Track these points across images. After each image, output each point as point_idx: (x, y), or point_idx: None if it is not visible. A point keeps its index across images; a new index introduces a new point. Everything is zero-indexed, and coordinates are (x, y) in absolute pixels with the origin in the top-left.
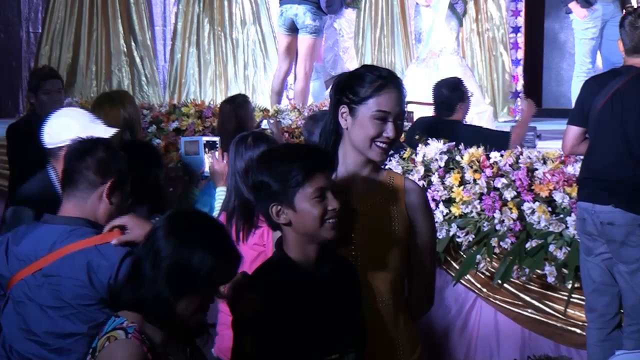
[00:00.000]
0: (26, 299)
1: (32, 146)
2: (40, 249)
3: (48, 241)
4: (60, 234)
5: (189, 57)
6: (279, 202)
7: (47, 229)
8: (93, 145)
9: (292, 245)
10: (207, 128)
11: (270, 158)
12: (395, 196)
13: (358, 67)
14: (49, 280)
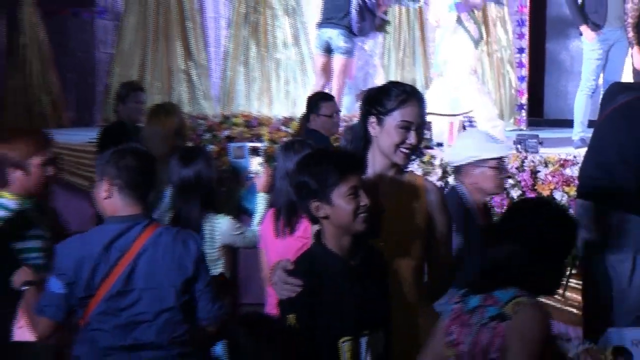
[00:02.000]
0: None
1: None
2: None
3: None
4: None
5: (238, 75)
6: (318, 199)
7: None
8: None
9: (329, 236)
10: (254, 136)
11: (310, 161)
12: (417, 195)
13: (385, 83)
14: None
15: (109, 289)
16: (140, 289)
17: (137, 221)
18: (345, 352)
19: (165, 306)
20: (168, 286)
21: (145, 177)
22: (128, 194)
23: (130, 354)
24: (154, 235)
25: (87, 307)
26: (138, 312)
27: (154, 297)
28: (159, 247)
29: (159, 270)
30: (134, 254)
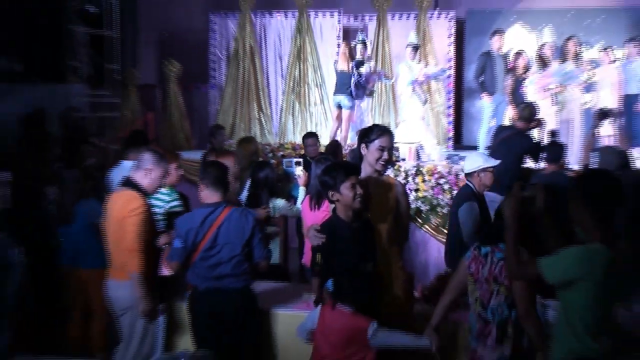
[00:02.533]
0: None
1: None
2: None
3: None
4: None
5: (288, 120)
6: (333, 190)
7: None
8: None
9: (340, 211)
10: (297, 154)
11: (328, 168)
12: (390, 188)
13: (370, 125)
14: None
15: (204, 245)
16: (221, 244)
17: (218, 206)
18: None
19: (235, 253)
20: (236, 242)
21: (221, 179)
22: (212, 189)
23: (216, 281)
24: (228, 213)
25: (193, 255)
26: (220, 257)
27: (228, 249)
28: (231, 220)
29: (231, 233)
30: (217, 224)
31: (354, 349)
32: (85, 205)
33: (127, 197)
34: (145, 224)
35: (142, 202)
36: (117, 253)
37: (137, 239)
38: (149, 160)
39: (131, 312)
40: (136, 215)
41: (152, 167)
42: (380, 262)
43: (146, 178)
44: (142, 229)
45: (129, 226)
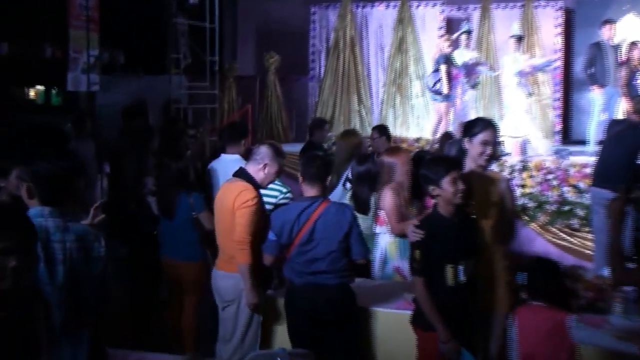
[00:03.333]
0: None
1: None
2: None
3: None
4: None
5: (389, 113)
6: (433, 184)
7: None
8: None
9: (441, 206)
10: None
11: (430, 163)
12: (494, 183)
13: (474, 118)
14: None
15: (300, 239)
16: (317, 239)
17: (315, 200)
18: (449, 273)
19: (332, 249)
20: (333, 237)
21: (318, 173)
22: (308, 183)
23: (312, 277)
24: (326, 208)
25: (289, 249)
26: (316, 253)
27: (325, 244)
28: (328, 215)
29: (328, 228)
30: (314, 219)
31: (556, 342)
32: (185, 198)
33: (240, 188)
34: (256, 217)
35: (254, 194)
36: (226, 244)
37: (247, 231)
38: (266, 155)
39: (236, 305)
40: (248, 207)
41: (269, 162)
42: (482, 259)
43: (261, 172)
44: (252, 221)
45: (240, 218)
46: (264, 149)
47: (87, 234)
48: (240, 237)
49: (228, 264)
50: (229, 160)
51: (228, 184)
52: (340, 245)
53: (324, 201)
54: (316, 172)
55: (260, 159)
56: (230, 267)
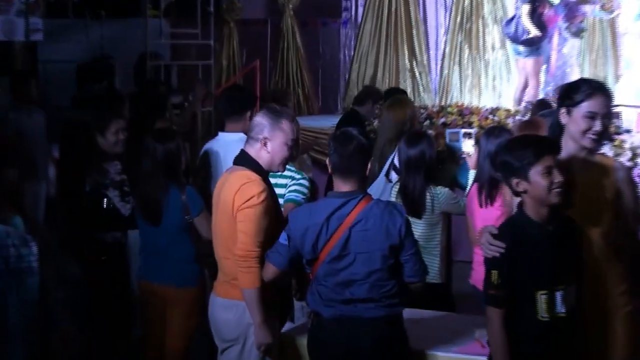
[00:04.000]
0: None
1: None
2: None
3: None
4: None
5: (453, 72)
6: (517, 176)
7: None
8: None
9: (529, 207)
10: (466, 122)
11: (512, 145)
12: (606, 173)
13: (576, 80)
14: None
15: (329, 253)
16: (354, 253)
17: (352, 196)
18: (542, 303)
19: (375, 267)
20: (377, 250)
21: (354, 161)
22: (340, 175)
23: (347, 306)
24: (366, 208)
25: (313, 267)
26: (352, 272)
27: (365, 260)
28: (370, 218)
29: (370, 238)
30: (349, 223)
31: None
32: (177, 195)
33: (241, 180)
34: (266, 219)
35: (261, 188)
36: (226, 260)
37: (253, 242)
38: (263, 126)
39: (240, 346)
40: (252, 206)
41: (269, 135)
42: (590, 284)
43: (263, 151)
44: (261, 227)
45: (243, 223)
46: (259, 118)
47: (7, 237)
48: (244, 250)
49: (229, 287)
50: (229, 141)
51: (226, 175)
52: (387, 262)
53: (363, 199)
54: (350, 159)
55: (256, 134)
56: (232, 292)
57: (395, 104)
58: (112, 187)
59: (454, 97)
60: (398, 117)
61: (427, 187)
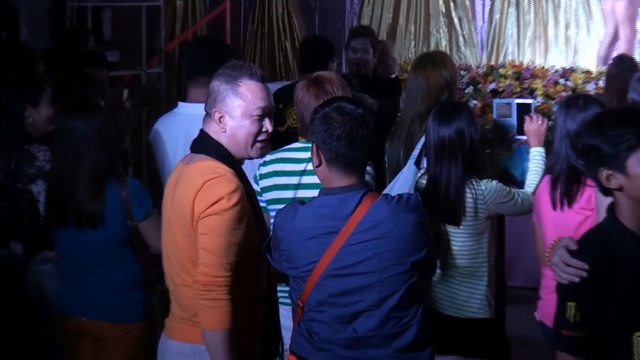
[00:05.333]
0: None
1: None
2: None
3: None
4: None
5: (508, 18)
6: (609, 166)
7: None
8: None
9: (625, 211)
10: (525, 90)
11: (602, 121)
12: None
13: None
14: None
15: (325, 271)
16: (359, 272)
17: (352, 193)
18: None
19: (390, 291)
20: (392, 267)
21: (358, 145)
22: (335, 164)
23: (349, 351)
24: (373, 208)
25: (303, 292)
26: (358, 299)
27: (376, 282)
28: (380, 222)
29: (382, 249)
30: (352, 229)
31: None
32: (116, 191)
33: (204, 174)
34: (239, 230)
35: (232, 186)
36: (184, 287)
37: (219, 263)
38: (214, 93)
39: None
40: (219, 214)
41: (223, 105)
42: None
43: (220, 130)
44: (232, 242)
45: (206, 236)
46: (218, 81)
47: None
48: (207, 275)
49: (188, 327)
50: (194, 115)
51: (181, 167)
52: (408, 282)
53: (367, 196)
54: (353, 143)
55: (208, 106)
56: (191, 333)
57: (425, 63)
58: (42, 179)
59: (508, 54)
60: (431, 83)
61: (468, 181)
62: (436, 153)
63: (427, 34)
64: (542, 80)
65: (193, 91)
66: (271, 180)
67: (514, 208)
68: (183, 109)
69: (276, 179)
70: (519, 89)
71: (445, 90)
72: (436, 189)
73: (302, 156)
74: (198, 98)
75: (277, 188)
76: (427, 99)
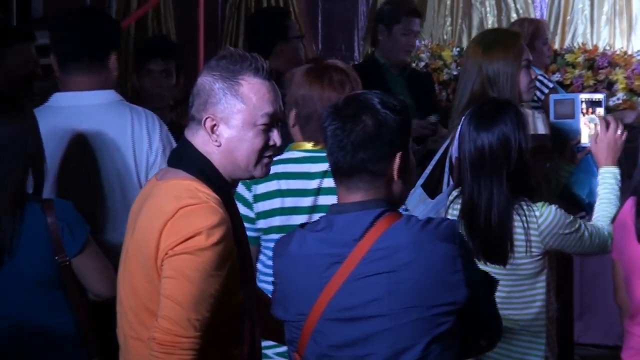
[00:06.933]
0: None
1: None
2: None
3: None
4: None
5: None
6: None
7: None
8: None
9: None
10: (601, 83)
11: None
12: None
13: None
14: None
15: (324, 313)
16: (371, 315)
17: (365, 210)
18: None
19: (407, 343)
20: (411, 311)
21: (362, 152)
22: (340, 177)
23: None
24: (390, 232)
25: (299, 343)
26: (367, 353)
27: (390, 329)
28: (398, 251)
29: (397, 287)
30: (359, 259)
31: None
32: (38, 214)
33: (177, 199)
34: (222, 275)
35: (215, 218)
36: (136, 341)
37: (185, 318)
38: (207, 94)
39: None
40: (196, 251)
41: (219, 110)
42: None
43: (211, 143)
44: (208, 290)
45: (172, 281)
46: (201, 78)
47: None
48: (166, 332)
49: None
50: (82, 108)
51: (151, 185)
52: (433, 331)
53: (385, 216)
54: (355, 150)
55: (197, 110)
56: None
57: (492, 39)
58: None
59: (578, 35)
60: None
61: (516, 205)
62: (473, 168)
63: (468, 7)
64: (623, 70)
65: (75, 78)
66: (274, 203)
67: (579, 244)
68: (60, 101)
69: (282, 200)
70: (592, 81)
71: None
72: (474, 215)
73: (314, 169)
74: (83, 85)
75: (285, 212)
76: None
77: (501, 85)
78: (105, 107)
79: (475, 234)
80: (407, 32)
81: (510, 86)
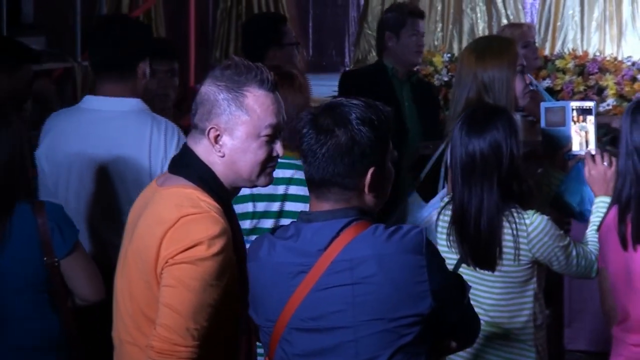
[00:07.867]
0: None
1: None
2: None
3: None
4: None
5: None
6: None
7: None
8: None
9: None
10: (591, 89)
11: None
12: None
13: None
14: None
15: (290, 322)
16: (334, 327)
17: (333, 220)
18: None
19: (373, 355)
20: (374, 323)
21: (333, 161)
22: (312, 186)
23: None
24: (354, 243)
25: (269, 348)
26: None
27: (353, 340)
28: (361, 263)
29: (360, 299)
30: (323, 269)
31: None
32: (29, 216)
33: (179, 207)
34: (222, 285)
35: (216, 228)
36: (133, 346)
37: (183, 327)
38: (210, 104)
39: None
40: (197, 261)
41: (223, 121)
42: None
43: (214, 153)
44: (207, 300)
45: (170, 290)
46: (205, 87)
47: None
48: (164, 340)
49: None
50: (110, 114)
51: (152, 191)
52: (399, 344)
53: (352, 225)
54: (327, 158)
55: (199, 119)
56: None
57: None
58: None
59: (568, 41)
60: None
61: (506, 211)
62: (464, 174)
63: (459, 13)
64: (614, 75)
65: (104, 86)
66: (245, 207)
67: (565, 261)
68: (91, 103)
69: (254, 204)
70: (582, 87)
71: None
72: (463, 221)
73: (280, 174)
74: (112, 92)
75: (256, 216)
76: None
77: (497, 91)
78: (128, 114)
79: (465, 240)
80: (414, 33)
81: (506, 92)
